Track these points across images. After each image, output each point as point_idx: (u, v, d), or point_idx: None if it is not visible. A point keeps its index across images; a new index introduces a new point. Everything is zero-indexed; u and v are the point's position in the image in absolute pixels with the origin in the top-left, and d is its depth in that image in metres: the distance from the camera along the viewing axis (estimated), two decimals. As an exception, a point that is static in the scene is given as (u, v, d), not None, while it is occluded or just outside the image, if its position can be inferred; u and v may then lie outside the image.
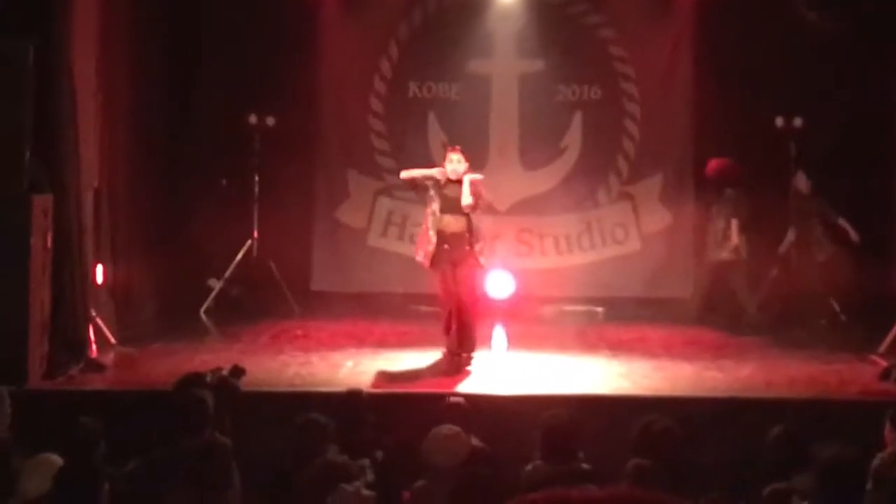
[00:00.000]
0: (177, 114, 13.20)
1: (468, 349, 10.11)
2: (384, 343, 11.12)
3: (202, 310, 13.02)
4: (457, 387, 9.12)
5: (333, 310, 13.05)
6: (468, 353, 10.10)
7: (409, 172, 10.24)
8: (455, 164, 10.04)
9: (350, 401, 7.53)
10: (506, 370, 10.01)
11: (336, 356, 10.39)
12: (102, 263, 10.98)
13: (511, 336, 11.97)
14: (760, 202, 12.62)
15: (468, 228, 10.02)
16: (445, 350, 10.17)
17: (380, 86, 14.04)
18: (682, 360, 10.38)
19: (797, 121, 13.05)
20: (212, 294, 13.15)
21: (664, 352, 10.86)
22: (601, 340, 11.50)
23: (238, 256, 13.20)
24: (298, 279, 13.58)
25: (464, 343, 10.09)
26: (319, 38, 13.90)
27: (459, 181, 10.00)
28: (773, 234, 12.79)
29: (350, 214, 13.99)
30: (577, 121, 14.01)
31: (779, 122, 13.10)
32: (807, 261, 12.77)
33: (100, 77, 10.76)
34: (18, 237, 8.91)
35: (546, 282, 13.62)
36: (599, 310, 13.44)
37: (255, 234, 13.38)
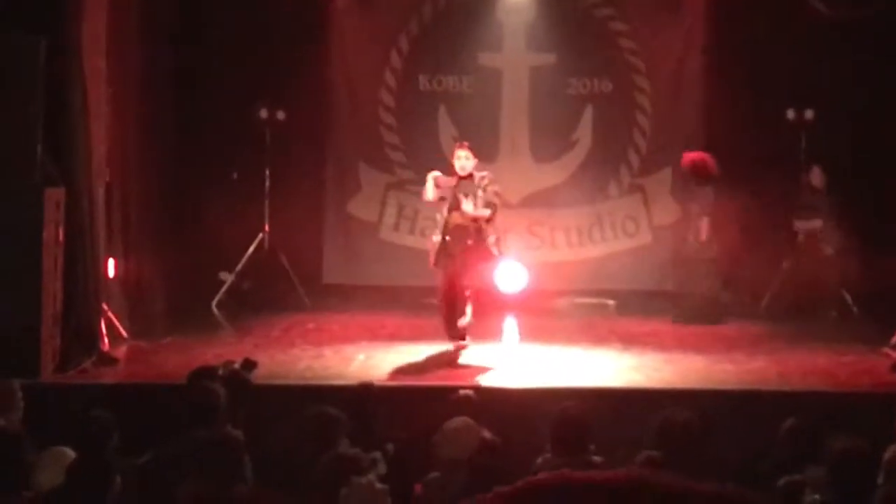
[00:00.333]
0: (187, 108, 13.21)
1: (457, 337, 9.91)
2: (396, 336, 11.13)
3: (214, 303, 13.04)
4: (468, 379, 9.13)
5: (345, 303, 13.08)
6: (456, 341, 9.92)
7: (428, 195, 10.07)
8: (463, 161, 9.96)
9: (362, 394, 7.53)
10: (517, 363, 10.01)
11: (348, 349, 10.41)
12: (114, 257, 10.99)
13: (522, 329, 11.98)
14: (735, 196, 12.62)
15: (471, 221, 9.86)
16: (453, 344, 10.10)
17: (390, 79, 14.05)
18: (694, 353, 10.37)
19: (808, 113, 13.03)
20: (223, 287, 13.18)
21: (676, 344, 10.85)
22: (612, 333, 11.49)
23: (249, 250, 13.22)
24: (310, 272, 13.60)
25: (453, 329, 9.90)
26: (330, 32, 13.91)
27: (467, 177, 9.96)
28: (763, 227, 12.74)
29: (361, 208, 14.00)
30: (588, 114, 14.01)
31: (790, 115, 13.08)
32: (815, 255, 12.77)
33: (111, 71, 10.76)
34: (31, 231, 8.93)
35: (557, 275, 13.61)
36: (611, 302, 13.44)
37: (267, 228, 13.40)
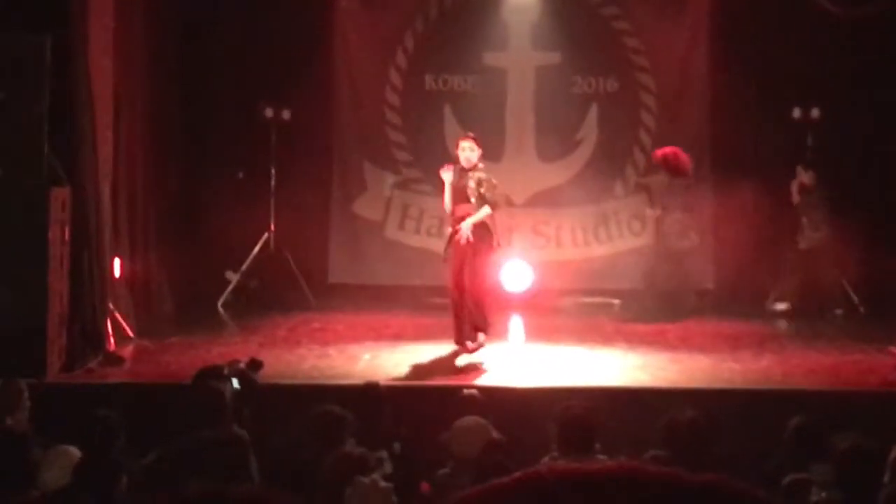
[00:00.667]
0: (193, 107, 13.23)
1: (472, 337, 9.87)
2: (401, 336, 11.12)
3: (220, 303, 13.04)
4: (474, 379, 9.13)
5: (350, 302, 13.07)
6: (473, 343, 9.87)
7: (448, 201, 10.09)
8: (467, 153, 9.95)
9: (367, 393, 7.55)
10: (522, 362, 10.00)
11: (353, 349, 10.41)
12: (120, 257, 11.00)
13: (528, 328, 11.97)
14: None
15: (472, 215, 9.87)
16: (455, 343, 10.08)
17: (396, 78, 14.05)
18: (700, 353, 10.36)
19: (814, 111, 13.02)
20: (229, 287, 13.17)
21: (681, 344, 10.84)
22: (618, 333, 11.47)
23: (255, 249, 13.22)
24: (315, 272, 13.60)
25: (470, 330, 9.87)
26: (335, 32, 13.91)
27: (470, 170, 9.92)
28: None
29: (367, 207, 14.00)
30: (594, 113, 13.99)
31: (796, 114, 13.06)
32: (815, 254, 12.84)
33: (117, 70, 10.78)
34: (37, 230, 8.94)
35: (563, 274, 13.60)
36: (616, 302, 13.42)
37: (272, 227, 13.39)
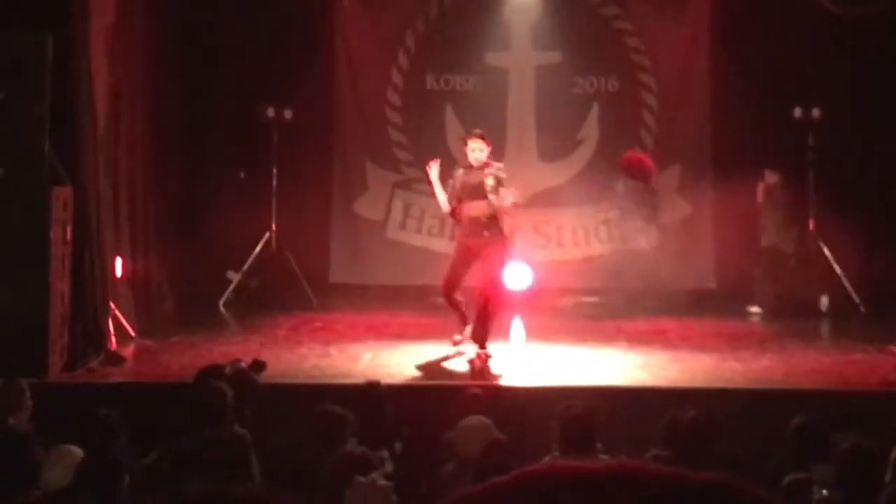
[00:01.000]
0: (195, 107, 13.23)
1: (479, 342, 9.76)
2: (403, 335, 11.12)
3: (221, 302, 13.05)
4: (475, 378, 9.13)
5: (351, 302, 13.07)
6: (480, 347, 9.76)
7: (442, 203, 10.04)
8: (477, 153, 9.89)
9: (369, 393, 7.55)
10: (524, 362, 10.00)
11: (354, 348, 10.41)
12: (121, 256, 11.01)
13: (529, 328, 11.97)
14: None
15: (489, 214, 9.78)
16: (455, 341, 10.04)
17: (397, 78, 14.05)
18: (701, 352, 10.36)
19: (815, 111, 13.02)
20: (230, 286, 13.18)
21: (682, 343, 10.84)
22: (619, 332, 11.47)
23: (256, 249, 13.23)
24: (317, 271, 13.60)
25: (475, 334, 9.77)
26: (336, 31, 13.92)
27: (481, 168, 9.85)
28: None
29: (368, 207, 14.01)
30: (595, 112, 14.00)
31: (797, 113, 13.06)
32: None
33: (117, 70, 10.79)
34: (38, 230, 8.94)
35: (564, 273, 13.61)
36: (617, 301, 13.41)
37: (274, 227, 13.40)
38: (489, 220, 9.78)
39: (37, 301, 8.90)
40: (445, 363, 9.76)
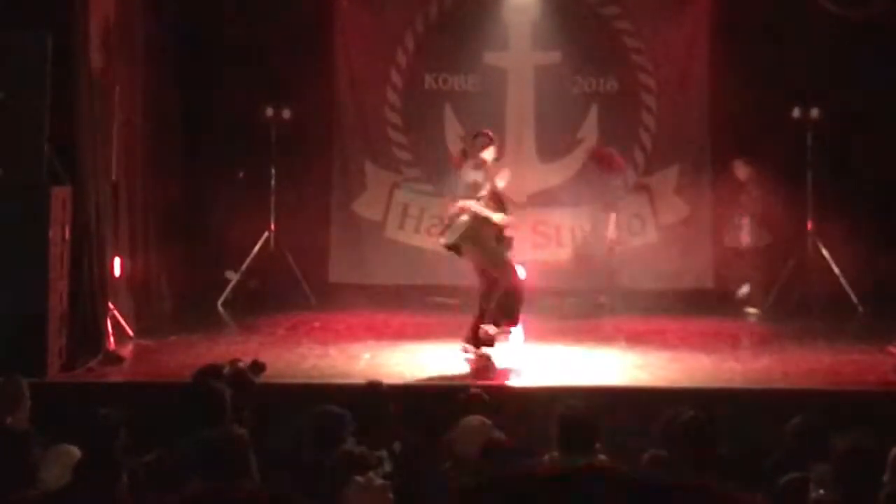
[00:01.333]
0: (194, 106, 13.24)
1: (510, 321, 10.04)
2: (402, 335, 11.13)
3: (219, 302, 13.05)
4: (474, 379, 9.13)
5: (350, 302, 13.06)
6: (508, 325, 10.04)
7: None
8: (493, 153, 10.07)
9: (369, 392, 7.54)
10: (523, 362, 10.01)
11: (354, 348, 10.42)
12: (120, 256, 11.01)
13: (527, 328, 11.96)
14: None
15: (474, 213, 9.87)
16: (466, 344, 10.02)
17: (396, 78, 14.05)
18: (700, 352, 10.37)
19: (814, 112, 13.02)
20: (229, 286, 13.18)
21: (681, 343, 10.85)
22: (618, 332, 11.48)
23: (255, 249, 13.22)
24: (315, 271, 13.60)
25: (503, 316, 9.99)
26: (335, 31, 13.91)
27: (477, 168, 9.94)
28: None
29: (367, 207, 14.01)
30: (594, 113, 13.99)
31: (796, 113, 13.07)
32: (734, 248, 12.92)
33: (117, 69, 10.79)
34: (37, 229, 8.94)
35: (563, 273, 13.60)
36: (616, 301, 13.41)
37: (272, 227, 13.39)
38: (471, 217, 9.89)
39: (36, 300, 8.91)
40: (445, 363, 9.76)
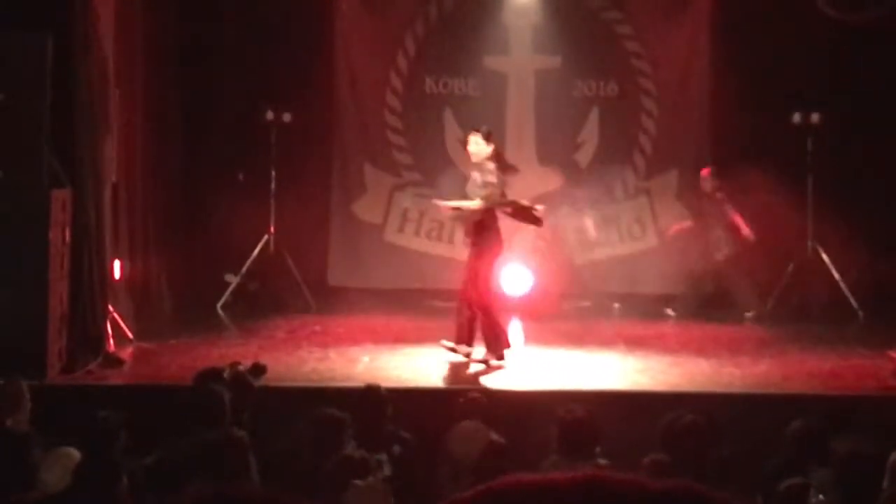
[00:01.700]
0: (194, 109, 13.23)
1: (495, 352, 9.69)
2: (401, 339, 11.12)
3: (219, 305, 13.04)
4: (474, 382, 9.13)
5: (350, 305, 13.05)
6: (497, 356, 9.69)
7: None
8: (471, 147, 9.97)
9: (369, 396, 7.55)
10: (522, 366, 10.00)
11: (353, 351, 10.41)
12: (120, 258, 11.01)
13: (527, 332, 11.97)
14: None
15: (474, 213, 9.79)
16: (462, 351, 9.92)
17: (396, 81, 14.05)
18: (700, 356, 10.37)
19: (815, 117, 13.02)
20: (229, 289, 13.17)
21: (681, 348, 10.85)
22: (618, 336, 11.48)
23: (255, 251, 13.21)
24: (315, 274, 13.59)
25: (493, 347, 9.70)
26: (336, 34, 13.91)
27: (476, 164, 9.89)
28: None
29: (366, 210, 14.00)
30: (594, 116, 13.99)
31: (796, 119, 13.07)
32: (708, 259, 12.89)
33: (117, 71, 10.79)
34: (37, 231, 8.94)
35: (562, 278, 13.60)
36: (616, 305, 13.42)
37: (272, 230, 13.39)
38: (475, 219, 9.81)
39: (36, 303, 8.90)
40: (444, 367, 9.76)
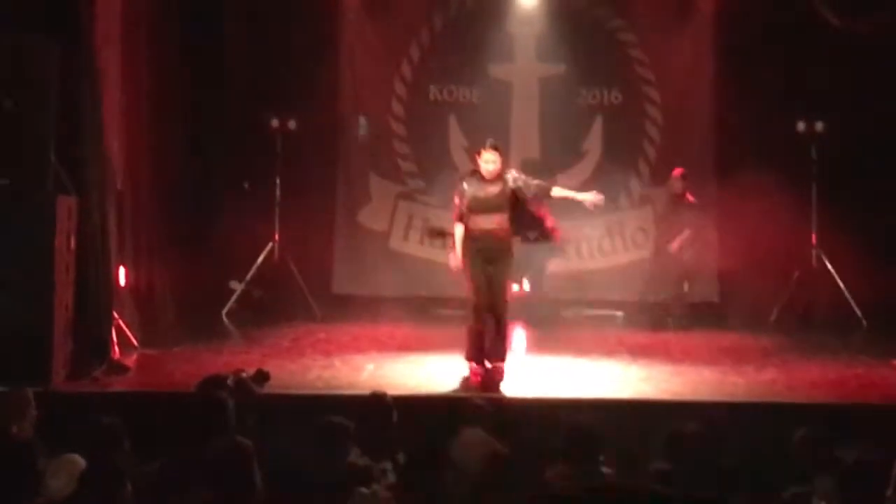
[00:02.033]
0: (199, 117, 13.25)
1: (500, 358, 9.66)
2: (406, 347, 11.13)
3: (224, 312, 13.06)
4: (479, 391, 9.13)
5: (355, 313, 13.08)
6: (499, 363, 9.66)
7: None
8: (490, 166, 9.44)
9: (373, 403, 7.54)
10: (526, 374, 10.00)
11: (357, 359, 10.41)
12: (125, 265, 11.02)
13: (531, 340, 11.98)
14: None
15: (501, 226, 9.54)
16: (467, 360, 9.79)
17: (401, 89, 14.09)
18: (703, 365, 10.36)
19: (819, 125, 13.03)
20: (234, 297, 13.20)
21: (685, 356, 10.84)
22: (621, 345, 11.49)
23: (259, 259, 13.24)
24: (320, 282, 13.62)
25: (497, 351, 9.65)
26: (341, 43, 13.96)
27: (491, 180, 9.51)
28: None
29: (371, 218, 14.03)
30: (598, 124, 14.03)
31: (800, 127, 13.08)
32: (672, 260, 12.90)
33: (123, 79, 10.82)
34: (43, 238, 8.93)
35: (566, 286, 13.61)
36: (620, 314, 13.43)
37: (277, 237, 13.42)
38: (503, 233, 9.58)
39: (41, 310, 8.89)
40: (448, 375, 9.75)
